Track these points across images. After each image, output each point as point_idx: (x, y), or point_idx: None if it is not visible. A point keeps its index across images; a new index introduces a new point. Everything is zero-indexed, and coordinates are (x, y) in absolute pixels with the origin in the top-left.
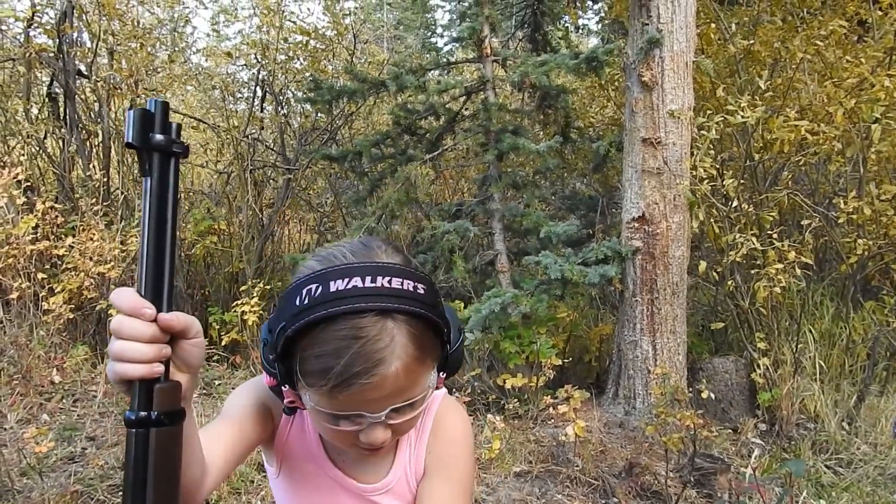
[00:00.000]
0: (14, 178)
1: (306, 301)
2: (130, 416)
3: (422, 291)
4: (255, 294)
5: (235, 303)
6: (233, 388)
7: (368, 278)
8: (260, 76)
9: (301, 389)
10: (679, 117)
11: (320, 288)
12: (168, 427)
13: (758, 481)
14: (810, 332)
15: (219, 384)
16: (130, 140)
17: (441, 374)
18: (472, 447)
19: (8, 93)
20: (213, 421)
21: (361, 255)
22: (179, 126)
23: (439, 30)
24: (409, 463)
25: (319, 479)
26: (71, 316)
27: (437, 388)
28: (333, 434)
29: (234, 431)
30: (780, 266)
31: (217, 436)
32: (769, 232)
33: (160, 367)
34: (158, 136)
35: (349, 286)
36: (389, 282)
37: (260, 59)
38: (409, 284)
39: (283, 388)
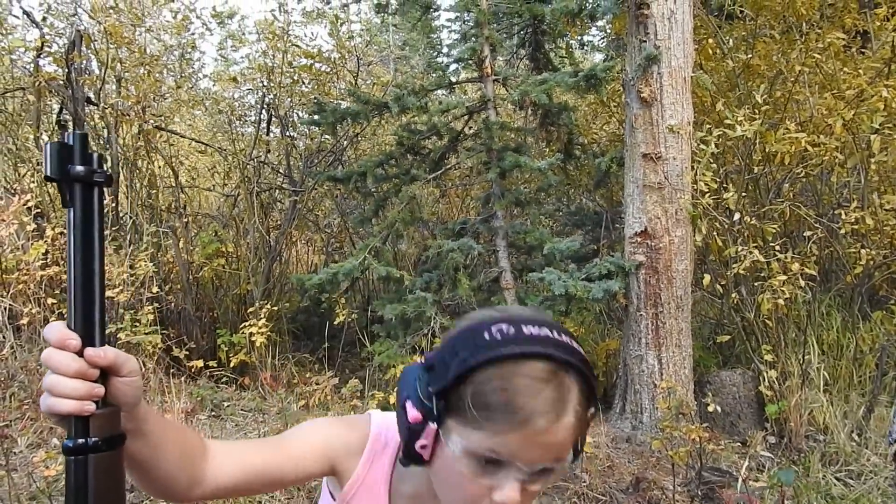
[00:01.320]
0: (24, 204)
1: (498, 337)
2: (68, 444)
3: (582, 352)
4: (262, 315)
5: (243, 324)
6: (241, 410)
7: (556, 331)
8: (266, 100)
9: (454, 429)
10: (678, 132)
11: (513, 329)
12: (107, 452)
13: (751, 492)
14: (817, 343)
15: (227, 405)
16: (48, 173)
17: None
18: None
19: (18, 121)
20: (264, 439)
21: (542, 315)
22: (101, 156)
23: (444, 49)
24: None
25: None
26: None
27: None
28: (462, 491)
29: (273, 459)
30: (783, 278)
31: (250, 453)
32: (772, 244)
33: (91, 406)
34: (78, 168)
35: (542, 333)
36: (571, 341)
37: (266, 83)
38: (579, 348)
39: (428, 425)
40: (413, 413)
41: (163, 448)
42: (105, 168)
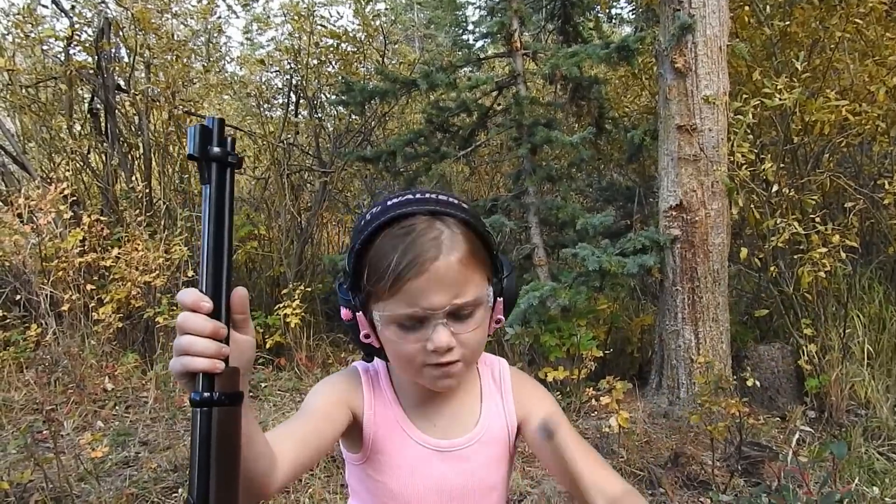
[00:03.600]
0: (60, 193)
1: (367, 217)
2: (195, 397)
3: (467, 207)
4: (296, 297)
5: (277, 306)
6: (279, 391)
7: (419, 194)
8: (293, 82)
9: (371, 308)
10: (714, 103)
11: (378, 207)
12: (229, 406)
13: (800, 465)
14: (858, 316)
15: (265, 386)
16: (191, 152)
17: (498, 298)
18: (549, 394)
19: (51, 111)
20: (289, 419)
21: (420, 189)
22: (234, 140)
23: (470, 26)
24: (503, 414)
25: (407, 448)
26: (120, 325)
27: (497, 319)
28: (405, 352)
29: (308, 427)
30: (824, 250)
31: (289, 432)
32: (812, 216)
33: (221, 364)
34: (216, 149)
35: (403, 199)
36: (438, 195)
37: (293, 65)
38: (455, 199)
39: (357, 315)
40: (344, 312)
41: (253, 435)
42: (237, 151)
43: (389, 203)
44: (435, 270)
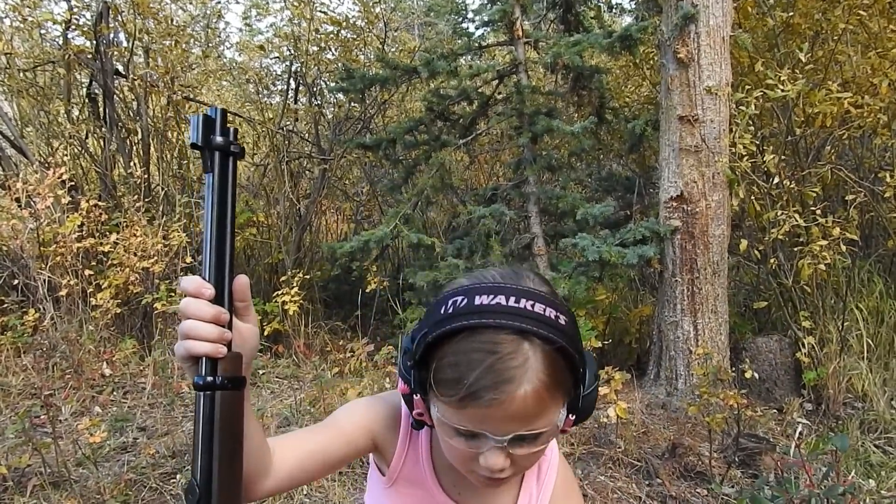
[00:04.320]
0: (59, 178)
1: (451, 310)
2: (198, 381)
3: (563, 322)
4: (294, 284)
5: (276, 293)
6: (276, 378)
7: (513, 298)
8: (293, 68)
9: (432, 400)
10: (716, 93)
11: (465, 300)
12: (231, 391)
13: (803, 458)
14: (857, 309)
15: (263, 374)
16: (195, 140)
17: (571, 415)
18: (580, 496)
19: (49, 95)
20: (309, 427)
21: (510, 278)
22: (236, 130)
23: (470, 14)
24: (534, 496)
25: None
26: (118, 311)
27: (564, 430)
28: (455, 453)
29: (322, 441)
30: (824, 243)
31: (300, 441)
32: (812, 208)
33: (223, 349)
34: (218, 138)
35: (493, 302)
36: (533, 306)
37: (292, 52)
38: (551, 312)
39: (414, 396)
40: (401, 385)
41: (249, 431)
42: (239, 141)
43: (477, 302)
44: (510, 402)
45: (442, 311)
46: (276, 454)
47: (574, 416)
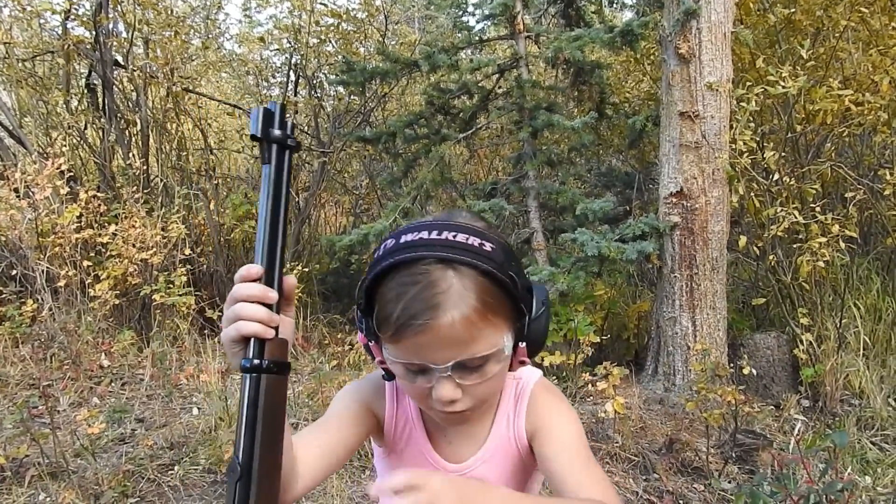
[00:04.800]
0: (57, 168)
1: (380, 253)
2: (245, 364)
3: (488, 248)
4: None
5: None
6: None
7: (435, 231)
8: (293, 60)
9: (381, 342)
10: (717, 90)
11: (393, 241)
12: (277, 375)
13: (802, 454)
14: (855, 306)
15: None
16: (254, 132)
17: (521, 343)
18: (570, 412)
19: (48, 85)
20: (310, 426)
21: (441, 217)
22: (294, 125)
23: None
24: (512, 428)
25: (419, 462)
26: (116, 302)
27: (521, 361)
28: (413, 392)
29: (330, 436)
30: (823, 240)
31: (317, 441)
32: (812, 205)
33: (271, 332)
34: (276, 132)
35: (416, 237)
36: (455, 236)
37: (292, 44)
38: (475, 241)
39: (370, 343)
40: (360, 335)
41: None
42: (295, 135)
43: (402, 240)
44: (437, 329)
45: (376, 255)
46: (300, 456)
47: (525, 344)
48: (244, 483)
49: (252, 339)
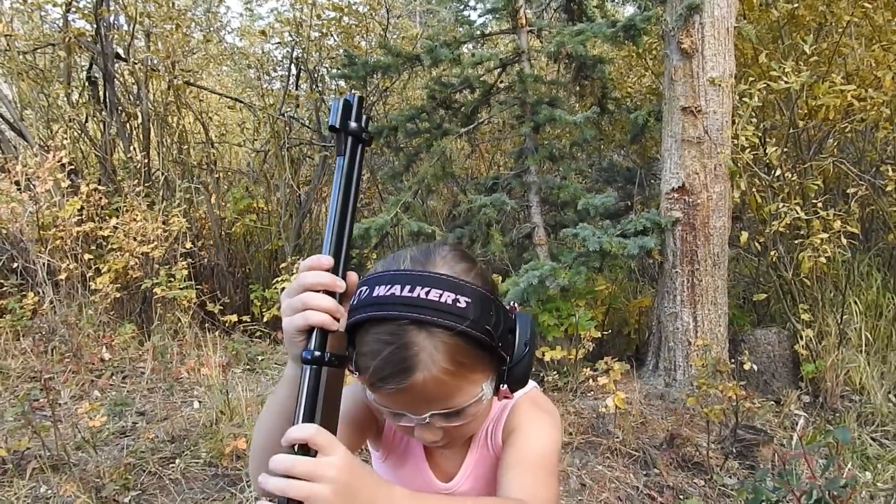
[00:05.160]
0: (58, 161)
1: (355, 302)
2: (307, 355)
3: (463, 305)
4: (294, 271)
5: (276, 279)
6: (276, 364)
7: (408, 287)
8: (294, 54)
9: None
10: (720, 85)
11: (367, 291)
12: (336, 368)
13: (805, 450)
14: (856, 303)
15: (262, 360)
16: (333, 123)
17: (502, 385)
18: (548, 425)
19: (49, 77)
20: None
21: (419, 261)
22: (369, 118)
23: (472, 2)
24: (490, 438)
25: (414, 477)
26: (117, 295)
27: (505, 396)
28: (395, 426)
29: (345, 439)
30: (825, 236)
31: None
32: (814, 201)
33: (337, 324)
34: (353, 124)
35: (389, 293)
36: (427, 293)
37: (294, 37)
38: (448, 297)
39: (354, 375)
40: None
41: None
42: (370, 128)
43: (375, 293)
44: (409, 390)
45: (353, 302)
46: None
47: (507, 386)
48: None
49: (316, 330)
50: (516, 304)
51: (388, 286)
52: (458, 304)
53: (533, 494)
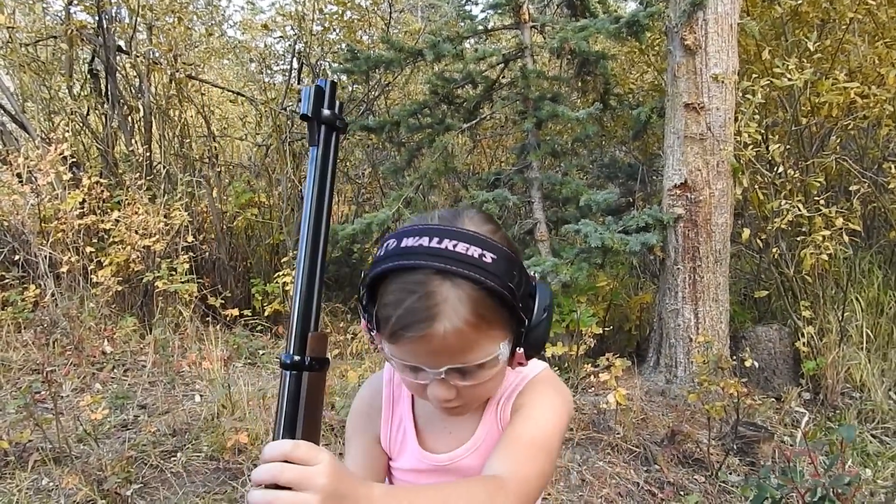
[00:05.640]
0: (60, 154)
1: (382, 253)
2: (286, 360)
3: (488, 260)
4: (294, 266)
5: (277, 274)
6: (276, 358)
7: (436, 239)
8: (296, 48)
9: (382, 337)
10: (723, 81)
11: (395, 243)
12: (317, 372)
13: (809, 447)
14: (857, 300)
15: (263, 354)
16: (305, 112)
17: (519, 349)
18: (557, 405)
19: (51, 70)
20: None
21: (447, 219)
22: (342, 104)
23: None
24: (497, 417)
25: (410, 457)
26: (119, 288)
27: (519, 363)
28: (409, 385)
29: (362, 457)
30: (827, 233)
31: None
32: (816, 198)
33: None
34: (326, 112)
35: (417, 244)
36: (455, 245)
37: (296, 31)
38: (475, 251)
39: (371, 332)
40: (363, 321)
41: None
42: (344, 116)
43: (403, 244)
44: (430, 339)
45: (378, 254)
46: None
47: (524, 350)
48: None
49: (294, 334)
50: (537, 275)
51: (417, 238)
52: (483, 259)
53: (513, 470)
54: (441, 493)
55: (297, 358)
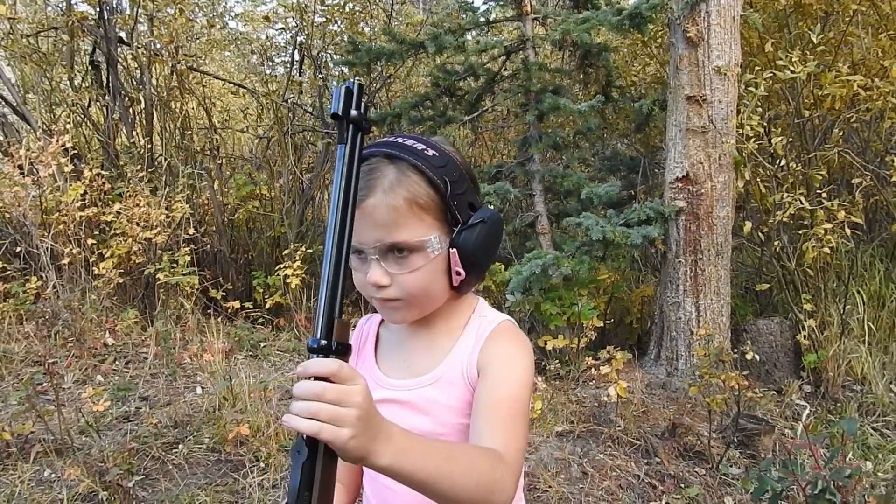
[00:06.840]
0: (61, 146)
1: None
2: (313, 344)
3: (431, 153)
4: (297, 258)
5: (278, 266)
6: (278, 350)
7: (400, 139)
8: (298, 40)
9: None
10: (725, 74)
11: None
12: (342, 356)
13: (810, 440)
14: (858, 293)
15: (264, 346)
16: (335, 111)
17: (452, 249)
18: (524, 360)
19: (52, 61)
20: None
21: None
22: (368, 106)
23: None
24: (465, 360)
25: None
26: (120, 280)
27: (457, 272)
28: (358, 281)
29: None
30: (829, 226)
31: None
32: (818, 191)
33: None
34: (354, 112)
35: (382, 140)
36: (405, 140)
37: (297, 23)
38: (420, 146)
39: None
40: None
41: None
42: (369, 116)
43: (378, 142)
44: (366, 208)
45: None
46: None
47: (457, 252)
48: (310, 461)
49: (322, 317)
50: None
51: (389, 139)
52: (426, 152)
53: (505, 444)
54: (448, 446)
55: (323, 342)
